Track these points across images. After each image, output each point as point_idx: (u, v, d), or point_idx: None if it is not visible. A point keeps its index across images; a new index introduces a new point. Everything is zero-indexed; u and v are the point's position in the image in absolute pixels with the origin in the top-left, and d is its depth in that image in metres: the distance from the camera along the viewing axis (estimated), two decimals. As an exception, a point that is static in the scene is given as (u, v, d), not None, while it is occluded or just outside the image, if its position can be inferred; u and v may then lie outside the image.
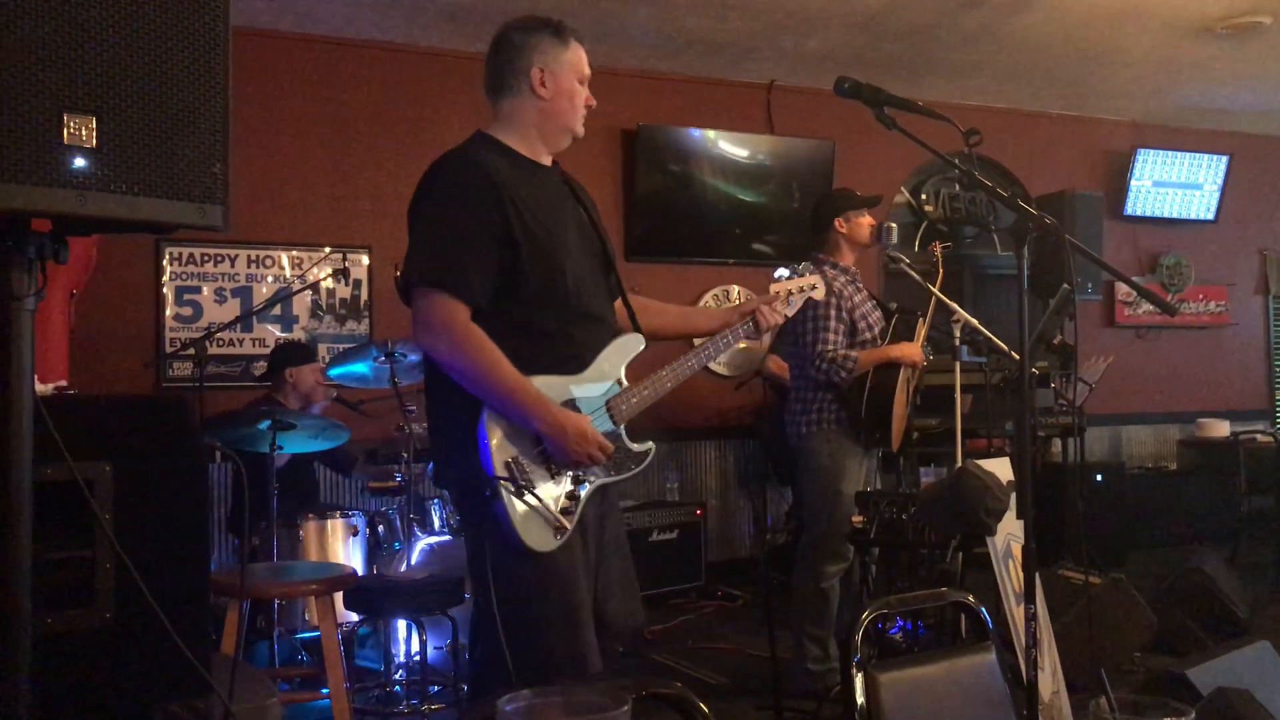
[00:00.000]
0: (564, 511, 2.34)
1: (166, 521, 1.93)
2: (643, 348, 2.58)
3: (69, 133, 1.45)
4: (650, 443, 2.56)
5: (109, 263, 5.51)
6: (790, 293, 2.89)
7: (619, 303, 2.67)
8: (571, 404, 2.38)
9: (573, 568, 2.35)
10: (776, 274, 2.96)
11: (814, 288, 2.94)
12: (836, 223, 4.22)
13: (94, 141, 1.47)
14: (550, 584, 2.31)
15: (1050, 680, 3.37)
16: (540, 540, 2.29)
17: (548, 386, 2.35)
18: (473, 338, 2.27)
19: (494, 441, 2.28)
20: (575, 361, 2.43)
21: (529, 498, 2.27)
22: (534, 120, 2.48)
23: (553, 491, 2.34)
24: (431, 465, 2.56)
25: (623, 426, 2.50)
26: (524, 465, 2.30)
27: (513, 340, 2.32)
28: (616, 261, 2.67)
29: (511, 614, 2.29)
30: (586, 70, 2.54)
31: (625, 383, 2.53)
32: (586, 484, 2.39)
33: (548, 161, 2.54)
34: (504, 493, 2.24)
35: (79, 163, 1.46)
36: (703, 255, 6.80)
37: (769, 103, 7.22)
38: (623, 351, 2.54)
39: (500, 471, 2.26)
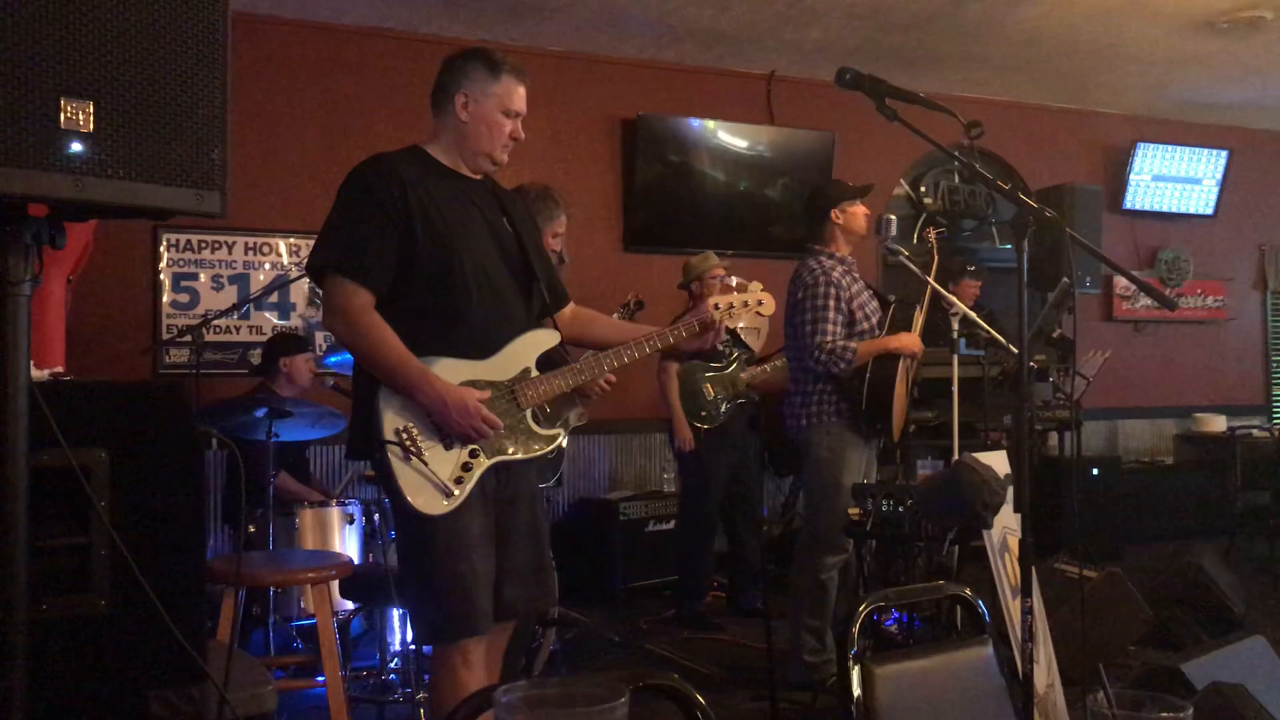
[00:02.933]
0: (456, 480, 2.49)
1: (162, 508, 1.92)
2: (554, 342, 2.73)
3: (66, 117, 1.45)
4: (560, 430, 2.71)
5: (106, 249, 5.50)
6: (731, 305, 2.90)
7: (544, 306, 2.80)
8: (471, 384, 2.53)
9: (462, 534, 2.49)
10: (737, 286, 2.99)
11: (760, 303, 2.97)
12: (833, 214, 4.23)
13: (91, 126, 1.47)
14: (435, 546, 2.48)
15: (1045, 674, 3.38)
16: (428, 504, 2.45)
17: (448, 368, 2.51)
18: (364, 318, 2.47)
19: (388, 411, 2.46)
20: (476, 348, 2.58)
21: (415, 463, 2.44)
22: (454, 140, 2.67)
23: (445, 460, 2.49)
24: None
25: (528, 411, 2.63)
26: (414, 434, 2.47)
27: (410, 322, 2.50)
28: (558, 274, 2.91)
29: (407, 572, 2.60)
30: (515, 104, 2.67)
31: (536, 372, 2.65)
32: (482, 455, 2.52)
33: (471, 175, 2.71)
34: (391, 457, 2.43)
35: (76, 147, 1.46)
36: (702, 246, 6.75)
37: (769, 93, 7.21)
38: (533, 343, 2.68)
39: (389, 436, 2.44)
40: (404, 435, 2.46)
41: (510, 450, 2.59)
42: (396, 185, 2.51)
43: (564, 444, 2.78)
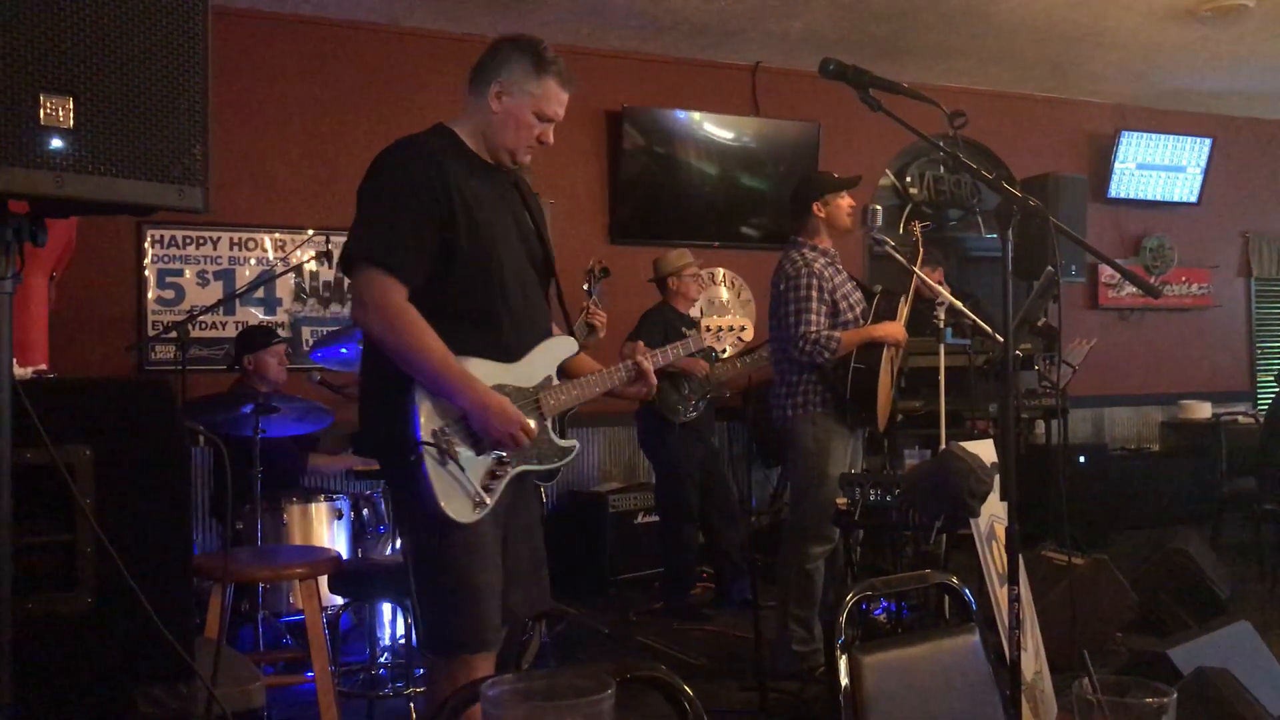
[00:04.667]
0: (485, 488, 2.41)
1: (148, 505, 1.92)
2: (575, 351, 2.67)
3: (46, 113, 1.44)
4: (575, 441, 2.66)
5: (90, 245, 5.46)
6: (720, 329, 3.00)
7: (558, 311, 2.77)
8: (499, 389, 2.45)
9: (482, 544, 2.42)
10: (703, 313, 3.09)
11: (743, 328, 3.03)
12: (814, 207, 4.23)
13: (71, 122, 1.46)
14: (460, 555, 2.39)
15: (1033, 660, 3.40)
16: (459, 510, 2.36)
17: (478, 369, 2.42)
18: (405, 315, 2.36)
19: (424, 412, 2.36)
20: (506, 352, 2.49)
21: (452, 466, 2.35)
22: (481, 127, 2.55)
23: (477, 466, 2.41)
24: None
25: (549, 420, 2.57)
26: (450, 437, 2.38)
27: (444, 321, 2.39)
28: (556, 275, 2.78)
29: (422, 580, 2.44)
30: (551, 109, 2.54)
31: (556, 380, 2.59)
32: (511, 465, 2.46)
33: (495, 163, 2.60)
34: (428, 458, 2.32)
35: (56, 144, 1.45)
36: (687, 238, 6.78)
37: (754, 84, 7.21)
38: (554, 351, 2.62)
39: (426, 438, 2.34)
40: (440, 437, 2.36)
41: (534, 459, 2.53)
42: (438, 177, 2.40)
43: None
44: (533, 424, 2.44)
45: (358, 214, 2.44)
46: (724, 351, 3.09)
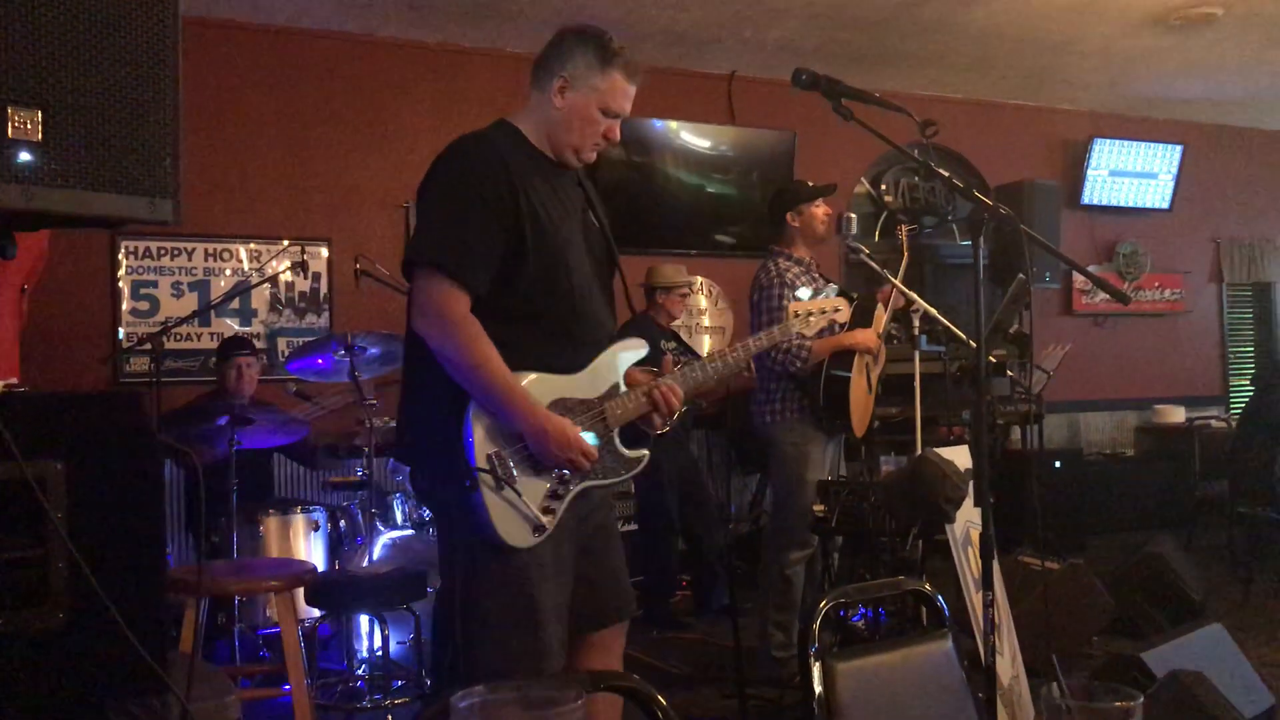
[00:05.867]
0: (545, 510, 2.29)
1: (121, 519, 1.90)
2: (644, 353, 2.53)
3: (14, 126, 1.43)
4: (645, 450, 2.50)
5: (63, 256, 5.44)
6: (810, 313, 2.79)
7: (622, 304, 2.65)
8: (561, 403, 2.33)
9: (544, 567, 2.30)
10: (798, 293, 2.94)
11: (837, 310, 2.81)
12: (788, 216, 4.27)
13: (40, 135, 1.45)
14: (517, 580, 2.26)
15: (1010, 665, 3.42)
16: (517, 536, 2.25)
17: (539, 383, 2.32)
18: (467, 328, 2.24)
19: (478, 433, 2.24)
20: (570, 361, 2.38)
21: (508, 492, 2.23)
22: (545, 124, 2.44)
23: (536, 490, 2.29)
24: (402, 450, 2.53)
25: (616, 431, 2.44)
26: (507, 460, 2.26)
27: (508, 328, 2.28)
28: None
29: (474, 608, 2.28)
30: (617, 104, 2.44)
31: (624, 388, 2.46)
32: (573, 484, 2.34)
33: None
34: (483, 485, 2.21)
35: (24, 157, 1.44)
36: (665, 247, 6.79)
37: (730, 93, 7.23)
38: (621, 357, 2.48)
39: (482, 463, 2.22)
40: (496, 462, 2.24)
41: (598, 476, 2.39)
42: (505, 180, 2.28)
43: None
44: (593, 442, 2.33)
45: (421, 215, 2.35)
46: (808, 335, 2.95)
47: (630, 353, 2.50)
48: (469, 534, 2.27)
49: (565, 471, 2.32)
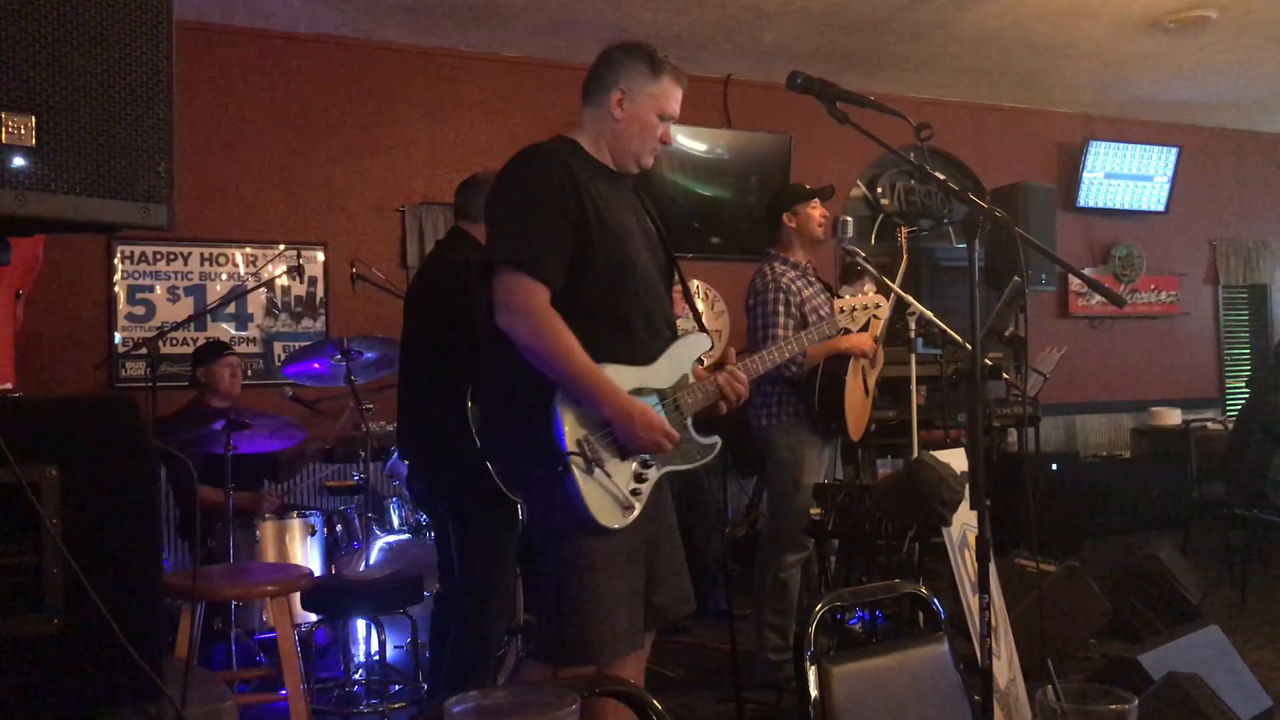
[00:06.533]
0: (633, 493, 2.41)
1: (116, 525, 1.89)
2: (709, 346, 2.66)
3: (8, 132, 1.43)
4: (716, 437, 2.64)
5: (59, 261, 5.43)
6: (854, 309, 3.02)
7: (684, 308, 2.75)
8: (637, 393, 2.45)
9: (633, 549, 2.42)
10: (840, 291, 3.16)
11: (879, 305, 3.05)
12: (784, 218, 4.28)
13: (34, 140, 1.45)
14: (606, 562, 2.37)
15: (1006, 668, 3.42)
16: (609, 517, 2.36)
17: (615, 374, 2.42)
18: (552, 322, 2.34)
19: (567, 421, 2.35)
20: (642, 354, 2.50)
21: (599, 474, 2.35)
22: (605, 136, 2.58)
23: (623, 473, 2.41)
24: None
25: (689, 419, 2.58)
26: (595, 445, 2.37)
27: (581, 324, 2.38)
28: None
29: (557, 586, 2.39)
30: (671, 108, 2.61)
31: (693, 379, 2.60)
32: (654, 467, 2.46)
33: (616, 171, 2.62)
34: (575, 467, 2.32)
35: (18, 162, 1.44)
36: (661, 250, 6.79)
37: (726, 96, 7.24)
38: (689, 349, 2.61)
39: (572, 448, 2.33)
40: (585, 445, 2.36)
41: (679, 460, 2.54)
42: (569, 182, 2.41)
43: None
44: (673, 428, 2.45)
45: (493, 220, 2.46)
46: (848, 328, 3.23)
47: (695, 346, 2.63)
48: (559, 519, 2.37)
49: (647, 456, 2.44)
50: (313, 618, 4.27)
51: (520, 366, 2.38)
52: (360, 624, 4.37)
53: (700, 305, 7.19)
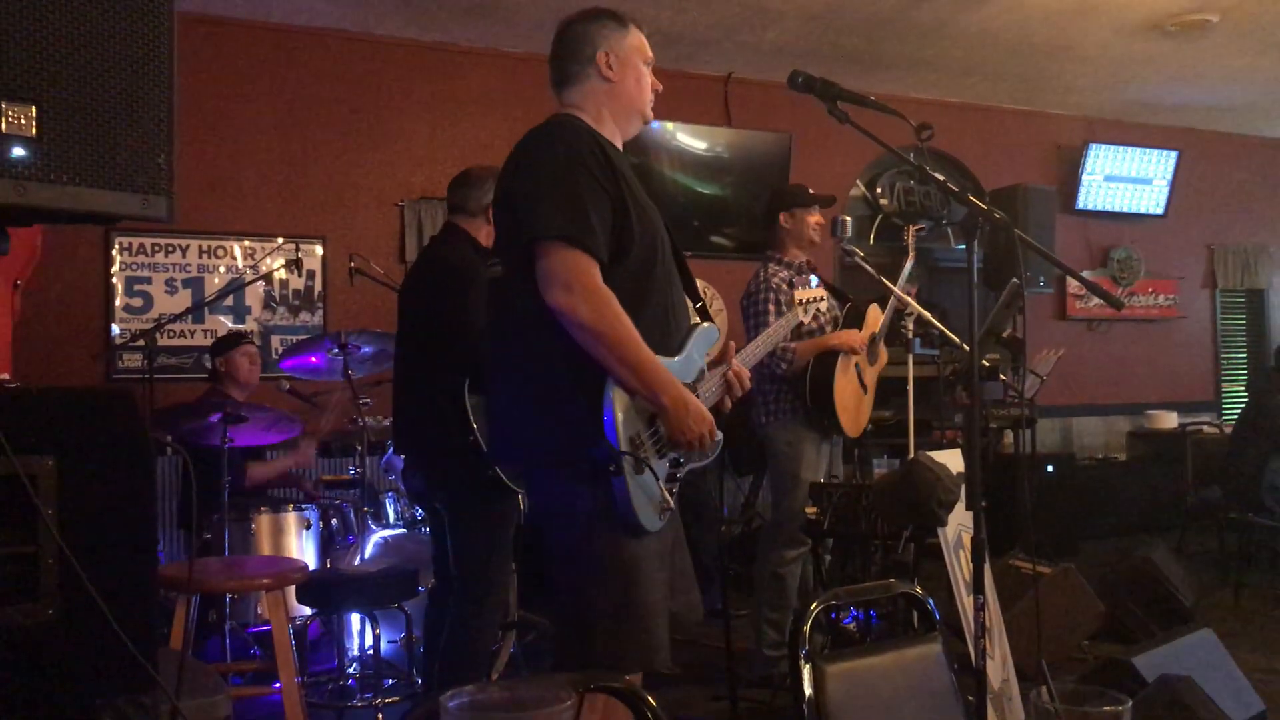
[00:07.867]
0: (670, 492, 2.27)
1: (112, 516, 1.90)
2: (718, 337, 2.53)
3: (8, 122, 1.43)
4: (719, 434, 2.48)
5: (57, 252, 5.43)
6: (804, 301, 3.11)
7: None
8: None
9: (663, 552, 2.29)
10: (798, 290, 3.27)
11: (820, 299, 3.16)
12: (781, 217, 4.30)
13: (34, 131, 1.45)
14: (649, 565, 2.22)
15: (1000, 669, 3.42)
16: (649, 519, 2.20)
17: None
18: (606, 297, 2.14)
19: (619, 414, 2.15)
20: (671, 343, 2.34)
21: (646, 475, 2.18)
22: (605, 103, 2.46)
23: (662, 470, 2.26)
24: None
25: None
26: (646, 442, 2.21)
27: (624, 307, 2.19)
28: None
29: (601, 590, 2.20)
30: (649, 53, 2.52)
31: (706, 371, 2.47)
32: (684, 465, 2.32)
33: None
34: (625, 468, 2.13)
35: (18, 152, 1.44)
36: (660, 247, 6.80)
37: (727, 95, 7.24)
38: (704, 340, 2.46)
39: (624, 446, 2.13)
40: (637, 444, 2.18)
41: (695, 457, 2.36)
42: (601, 152, 2.25)
43: None
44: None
45: (530, 191, 2.22)
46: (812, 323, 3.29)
47: (707, 338, 2.47)
48: (589, 519, 2.18)
49: (680, 453, 2.29)
50: (307, 611, 4.28)
51: (555, 352, 2.17)
52: (355, 618, 4.37)
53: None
